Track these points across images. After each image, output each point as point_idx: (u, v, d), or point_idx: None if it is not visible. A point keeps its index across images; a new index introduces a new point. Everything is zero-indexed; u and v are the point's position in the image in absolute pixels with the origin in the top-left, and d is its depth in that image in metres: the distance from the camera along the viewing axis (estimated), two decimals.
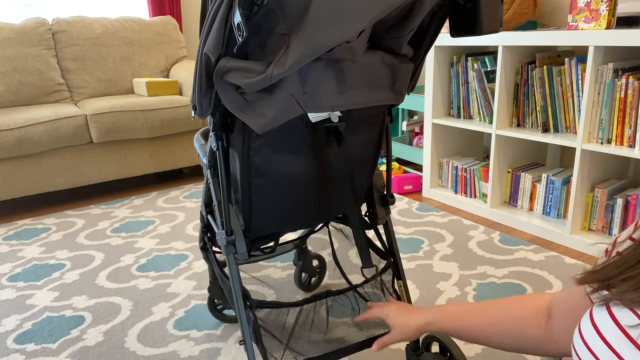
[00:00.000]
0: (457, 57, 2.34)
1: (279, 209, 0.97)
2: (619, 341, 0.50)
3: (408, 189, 2.65)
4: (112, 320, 1.51)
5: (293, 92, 0.76)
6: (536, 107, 2.02)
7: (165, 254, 1.96)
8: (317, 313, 1.11)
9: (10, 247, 2.07)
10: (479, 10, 0.77)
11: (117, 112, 2.52)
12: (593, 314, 0.55)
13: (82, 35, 2.89)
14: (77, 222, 2.33)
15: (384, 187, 1.10)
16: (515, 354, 1.29)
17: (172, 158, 2.79)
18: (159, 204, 2.54)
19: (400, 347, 1.33)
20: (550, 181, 2.06)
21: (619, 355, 0.49)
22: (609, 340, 0.51)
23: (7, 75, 2.66)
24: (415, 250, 1.92)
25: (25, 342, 1.41)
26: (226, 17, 0.65)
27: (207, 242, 1.21)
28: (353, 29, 0.63)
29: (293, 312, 1.07)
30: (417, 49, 0.90)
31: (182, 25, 3.48)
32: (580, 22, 1.77)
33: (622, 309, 0.52)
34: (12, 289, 1.72)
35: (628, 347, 0.50)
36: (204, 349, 1.36)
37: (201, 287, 1.69)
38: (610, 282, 0.53)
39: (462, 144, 2.58)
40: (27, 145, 2.30)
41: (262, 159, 0.88)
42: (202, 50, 0.70)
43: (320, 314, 1.11)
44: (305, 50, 0.64)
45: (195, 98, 0.78)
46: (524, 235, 2.04)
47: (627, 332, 0.50)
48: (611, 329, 0.52)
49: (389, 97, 0.88)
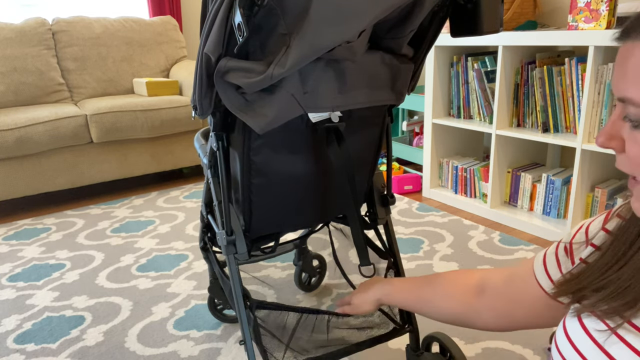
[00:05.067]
0: (457, 57, 2.34)
1: (279, 209, 0.97)
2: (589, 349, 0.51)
3: (408, 189, 2.65)
4: (112, 320, 1.51)
5: (293, 92, 0.76)
6: (536, 107, 2.02)
7: (165, 254, 1.96)
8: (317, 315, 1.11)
9: (10, 247, 2.07)
10: (479, 10, 0.77)
11: (117, 112, 2.52)
12: (566, 325, 0.56)
13: (82, 35, 2.89)
14: (77, 222, 2.33)
15: (384, 187, 1.10)
16: (514, 355, 1.29)
17: (172, 158, 2.79)
18: (159, 204, 2.54)
19: (400, 347, 1.33)
20: (550, 181, 2.06)
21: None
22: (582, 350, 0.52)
23: (7, 75, 2.66)
24: (415, 250, 1.92)
25: (25, 342, 1.41)
26: (226, 17, 0.65)
27: (207, 242, 1.21)
28: (353, 29, 0.63)
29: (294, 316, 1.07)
30: (418, 49, 0.89)
31: (182, 25, 3.48)
32: (580, 22, 1.77)
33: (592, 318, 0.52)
34: (12, 289, 1.72)
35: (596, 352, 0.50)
36: (204, 349, 1.36)
37: (201, 287, 1.69)
38: (582, 294, 0.54)
39: (462, 144, 2.58)
40: (27, 145, 2.30)
41: (263, 159, 0.88)
42: (203, 50, 0.70)
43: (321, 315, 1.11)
44: (306, 51, 0.64)
45: (196, 98, 0.78)
46: (524, 235, 2.04)
47: (594, 336, 0.51)
48: (582, 338, 0.53)
49: (390, 97, 0.88)
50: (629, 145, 0.45)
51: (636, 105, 0.43)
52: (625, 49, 0.44)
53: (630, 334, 0.48)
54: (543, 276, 0.66)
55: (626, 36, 0.44)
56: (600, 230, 0.58)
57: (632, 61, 0.43)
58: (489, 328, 0.77)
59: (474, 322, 0.78)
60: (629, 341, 0.48)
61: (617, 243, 0.53)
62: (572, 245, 0.62)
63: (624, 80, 0.44)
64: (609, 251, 0.53)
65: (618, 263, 0.51)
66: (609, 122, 0.47)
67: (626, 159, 0.46)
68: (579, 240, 0.61)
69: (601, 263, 0.54)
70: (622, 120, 0.46)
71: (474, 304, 0.77)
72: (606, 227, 0.57)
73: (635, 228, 0.52)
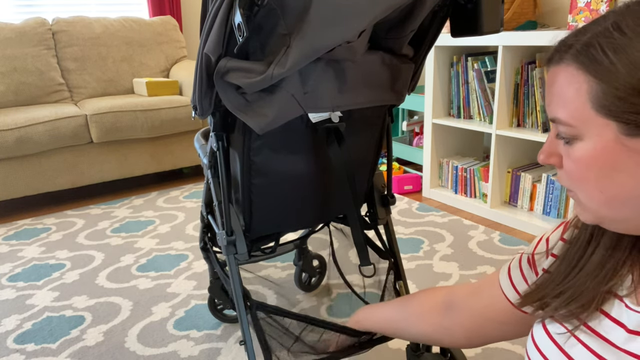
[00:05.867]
0: (457, 57, 2.34)
1: (279, 209, 0.97)
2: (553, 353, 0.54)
3: (408, 189, 2.65)
4: (112, 320, 1.51)
5: (294, 93, 0.76)
6: (536, 107, 2.02)
7: (165, 254, 1.95)
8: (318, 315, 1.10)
9: (10, 247, 2.07)
10: (479, 10, 0.77)
11: (117, 112, 2.52)
12: (533, 333, 0.59)
13: (82, 35, 2.89)
14: (77, 222, 2.33)
15: (384, 187, 1.10)
16: (514, 355, 1.29)
17: (172, 158, 2.79)
18: (159, 204, 2.54)
19: (400, 347, 1.33)
20: (550, 181, 2.06)
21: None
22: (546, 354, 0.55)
23: (7, 75, 2.66)
24: (415, 250, 1.92)
25: (25, 342, 1.41)
26: (226, 17, 0.65)
27: (207, 242, 1.21)
28: (354, 29, 0.63)
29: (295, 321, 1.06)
30: (418, 49, 0.89)
31: (182, 25, 3.48)
32: (580, 22, 1.77)
33: (553, 323, 0.56)
34: (12, 289, 1.72)
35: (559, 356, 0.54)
36: (204, 349, 1.36)
37: (201, 287, 1.69)
38: (544, 301, 0.57)
39: (462, 144, 2.58)
40: (27, 145, 2.30)
41: (263, 159, 0.88)
42: (203, 50, 0.70)
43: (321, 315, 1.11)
44: (306, 51, 0.64)
45: (196, 98, 0.78)
46: (524, 235, 2.04)
47: (556, 340, 0.55)
48: (546, 343, 0.56)
49: (390, 98, 0.88)
50: (565, 161, 0.49)
51: (564, 124, 0.47)
52: (551, 73, 0.49)
53: (587, 335, 0.51)
54: (509, 289, 0.67)
55: (549, 63, 0.49)
56: (559, 241, 0.61)
57: (556, 85, 0.48)
58: (461, 345, 0.77)
59: (446, 341, 0.78)
60: (586, 343, 0.51)
61: (572, 250, 0.56)
62: (534, 257, 0.64)
63: (551, 102, 0.49)
64: (565, 259, 0.57)
65: (574, 269, 0.55)
66: (547, 141, 0.51)
67: (564, 174, 0.50)
68: (540, 251, 0.63)
69: (559, 271, 0.57)
70: (557, 139, 0.50)
71: (442, 322, 0.77)
72: (564, 237, 0.60)
73: (586, 235, 0.55)
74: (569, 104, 0.46)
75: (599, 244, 0.53)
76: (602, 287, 0.51)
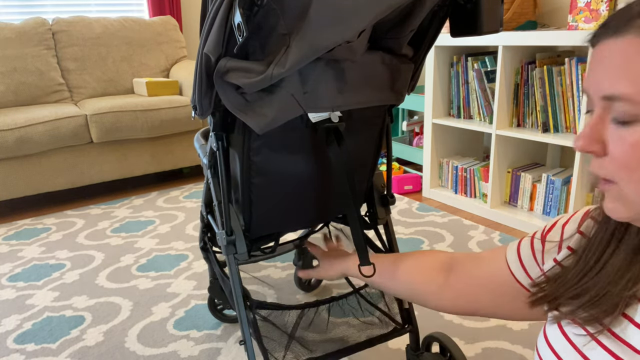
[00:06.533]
0: (457, 57, 2.34)
1: (279, 209, 0.97)
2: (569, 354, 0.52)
3: (408, 189, 2.65)
4: (112, 320, 1.51)
5: (293, 92, 0.76)
6: (536, 107, 2.02)
7: (165, 254, 1.96)
8: (318, 314, 1.11)
9: (10, 247, 2.07)
10: (479, 10, 0.77)
11: (117, 112, 2.52)
12: (546, 332, 0.57)
13: (82, 35, 2.89)
14: (77, 222, 2.33)
15: (384, 187, 1.10)
16: (514, 355, 1.29)
17: (172, 158, 2.79)
18: (159, 204, 2.54)
19: (400, 347, 1.33)
20: (550, 181, 2.06)
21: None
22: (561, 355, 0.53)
23: (7, 75, 2.66)
24: (415, 250, 1.92)
25: (25, 342, 1.41)
26: (226, 17, 0.65)
27: (207, 242, 1.21)
28: (353, 29, 0.63)
29: (294, 314, 1.07)
30: (418, 49, 0.89)
31: (182, 25, 3.48)
32: (580, 22, 1.77)
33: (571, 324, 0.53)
34: (12, 289, 1.72)
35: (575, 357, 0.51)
36: (204, 349, 1.36)
37: (201, 287, 1.69)
38: (559, 302, 0.54)
39: (462, 144, 2.58)
40: (27, 145, 2.30)
41: (262, 159, 0.88)
42: (202, 50, 0.70)
43: (321, 315, 1.11)
44: (306, 51, 0.64)
45: (196, 98, 0.78)
46: (524, 235, 2.04)
47: (573, 341, 0.52)
48: (562, 344, 0.53)
49: (389, 98, 0.88)
50: (614, 146, 0.44)
51: (626, 101, 0.42)
52: (603, 47, 0.44)
53: (608, 339, 0.49)
54: (516, 264, 0.66)
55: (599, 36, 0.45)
56: (576, 233, 0.58)
57: (616, 58, 0.43)
58: (444, 308, 0.76)
59: (431, 298, 0.78)
60: (607, 346, 0.49)
61: (591, 249, 0.53)
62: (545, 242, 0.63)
63: (605, 78, 0.44)
64: (582, 257, 0.53)
65: (593, 270, 0.51)
66: (588, 125, 0.47)
67: (608, 162, 0.45)
68: (554, 237, 0.62)
69: (576, 270, 0.54)
70: (603, 123, 0.45)
71: (435, 278, 0.77)
72: (581, 230, 0.57)
73: (607, 233, 0.51)
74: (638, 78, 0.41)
75: (620, 245, 0.50)
76: (626, 292, 0.48)
